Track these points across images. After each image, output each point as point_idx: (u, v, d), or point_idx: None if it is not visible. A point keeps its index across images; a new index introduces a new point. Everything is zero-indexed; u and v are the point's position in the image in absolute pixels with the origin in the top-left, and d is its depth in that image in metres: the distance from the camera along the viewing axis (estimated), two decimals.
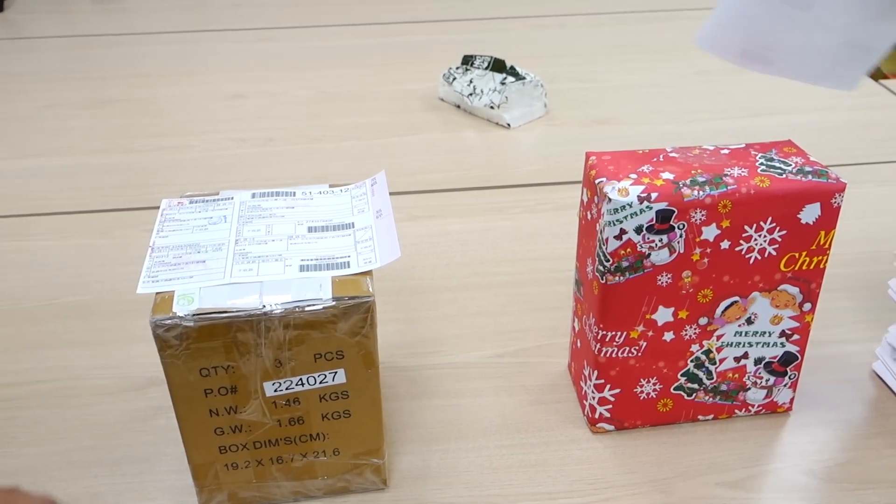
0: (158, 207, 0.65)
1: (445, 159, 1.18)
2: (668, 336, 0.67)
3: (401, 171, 1.14)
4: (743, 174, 0.63)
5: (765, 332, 0.68)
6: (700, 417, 0.72)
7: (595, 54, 1.55)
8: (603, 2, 1.84)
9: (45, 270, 0.94)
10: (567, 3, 1.83)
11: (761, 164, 0.64)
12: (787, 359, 0.70)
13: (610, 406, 0.70)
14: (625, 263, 0.63)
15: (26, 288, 0.91)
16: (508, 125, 1.26)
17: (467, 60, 1.32)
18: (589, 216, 0.66)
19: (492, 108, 1.26)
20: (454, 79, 1.32)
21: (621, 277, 0.63)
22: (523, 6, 1.81)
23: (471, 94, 1.29)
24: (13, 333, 0.84)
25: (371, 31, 1.68)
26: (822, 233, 0.64)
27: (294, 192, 0.66)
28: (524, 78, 1.26)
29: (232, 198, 0.65)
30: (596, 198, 0.63)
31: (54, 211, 1.06)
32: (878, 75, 2.03)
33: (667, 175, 0.62)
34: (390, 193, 0.65)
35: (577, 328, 0.73)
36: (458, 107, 1.33)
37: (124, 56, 1.57)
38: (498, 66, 1.29)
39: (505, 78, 1.26)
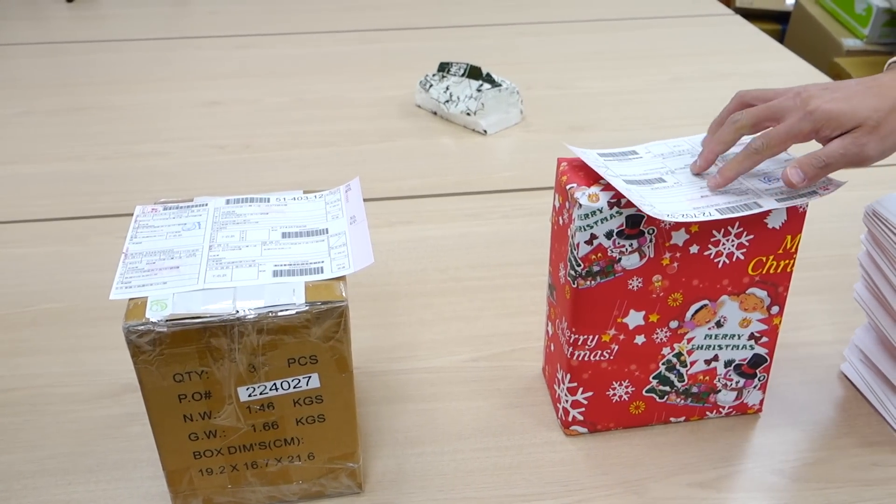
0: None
1: (422, 166, 1.19)
2: (640, 339, 0.67)
3: (377, 177, 1.14)
4: None
5: (734, 335, 0.69)
6: (672, 419, 0.73)
7: (571, 61, 1.57)
8: (579, 9, 1.85)
9: (19, 277, 0.94)
10: (543, 11, 1.85)
11: None
12: (757, 361, 0.71)
13: (583, 409, 0.71)
14: (596, 268, 0.63)
15: (0, 295, 0.91)
16: (485, 131, 1.27)
17: (444, 67, 1.33)
18: (561, 221, 0.67)
19: (468, 114, 1.27)
20: (431, 86, 1.32)
21: (592, 282, 0.64)
22: (500, 14, 1.83)
23: (447, 101, 1.30)
24: None
25: (348, 39, 1.69)
26: (789, 237, 0.65)
27: (268, 199, 0.67)
28: (500, 85, 1.27)
29: (206, 204, 0.66)
30: (567, 203, 0.64)
31: (29, 218, 1.06)
32: None
33: None
34: (367, 200, 0.66)
35: (550, 332, 0.74)
36: (435, 113, 1.34)
37: (100, 63, 1.57)
38: (474, 73, 1.29)
39: (481, 85, 1.27)
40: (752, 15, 2.35)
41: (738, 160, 0.64)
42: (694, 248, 0.64)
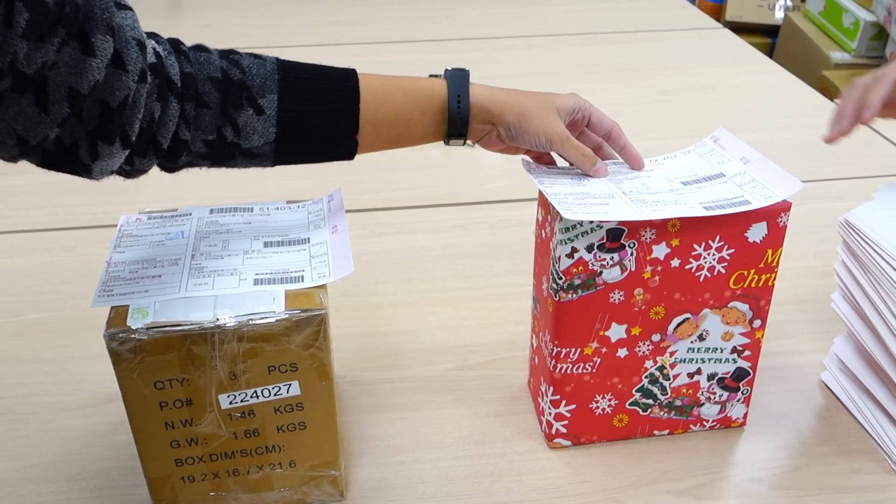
0: None
1: (410, 177, 1.19)
2: (622, 352, 0.68)
3: (365, 188, 1.15)
4: None
5: (717, 349, 0.69)
6: (655, 433, 0.73)
7: (560, 74, 1.58)
8: (568, 23, 1.87)
9: (6, 288, 0.94)
10: (533, 25, 1.86)
11: None
12: (740, 374, 0.71)
13: (566, 422, 0.71)
14: (577, 281, 0.64)
15: None
16: (473, 143, 1.28)
17: None
18: (544, 234, 0.67)
19: None
20: None
21: (574, 295, 0.64)
22: (489, 28, 1.84)
23: None
24: None
25: (339, 52, 1.70)
26: (770, 251, 0.65)
27: (252, 208, 0.67)
28: None
29: (190, 214, 0.66)
30: (549, 216, 0.65)
31: (17, 229, 1.06)
32: (836, 95, 2.08)
33: None
34: (354, 210, 0.67)
35: (534, 345, 0.74)
36: None
37: None
38: None
39: None
40: (741, 29, 2.37)
41: (877, 85, 0.68)
42: (675, 262, 0.64)
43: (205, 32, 1.81)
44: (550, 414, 0.71)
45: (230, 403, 0.58)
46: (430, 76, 0.73)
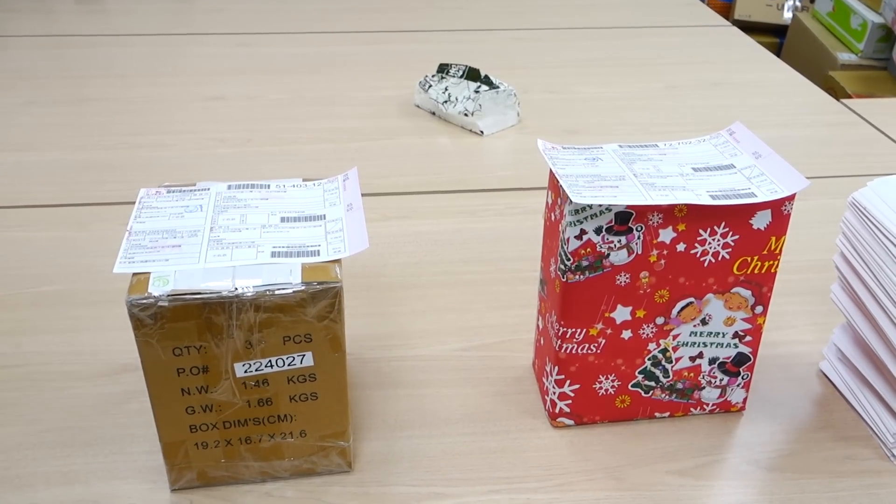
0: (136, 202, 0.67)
1: (419, 163, 1.21)
2: (626, 334, 0.69)
3: (375, 173, 1.17)
4: None
5: (719, 333, 0.71)
6: (656, 414, 0.75)
7: (568, 67, 1.59)
8: (577, 17, 1.88)
9: (21, 260, 0.95)
10: (542, 18, 1.87)
11: None
12: (740, 359, 0.72)
13: (570, 401, 0.73)
14: (585, 262, 0.65)
15: (2, 277, 0.92)
16: (481, 132, 1.29)
17: (443, 69, 1.35)
18: (553, 217, 0.69)
19: (466, 115, 1.29)
20: (430, 86, 1.35)
21: (581, 276, 0.66)
22: (500, 19, 1.85)
23: (446, 102, 1.32)
24: None
25: (349, 39, 1.71)
26: (773, 238, 0.67)
27: (269, 185, 0.69)
28: (498, 87, 1.30)
29: (208, 188, 0.68)
30: (559, 199, 0.66)
31: (32, 203, 1.07)
32: (842, 95, 2.09)
33: None
34: (364, 195, 0.68)
35: (540, 326, 0.76)
36: (433, 113, 1.36)
37: (104, 56, 1.59)
38: (472, 74, 1.32)
39: (479, 87, 1.30)
40: (749, 28, 2.38)
41: None
42: (681, 246, 0.65)
43: (216, 17, 1.82)
44: (554, 393, 0.72)
45: (245, 372, 0.60)
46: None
